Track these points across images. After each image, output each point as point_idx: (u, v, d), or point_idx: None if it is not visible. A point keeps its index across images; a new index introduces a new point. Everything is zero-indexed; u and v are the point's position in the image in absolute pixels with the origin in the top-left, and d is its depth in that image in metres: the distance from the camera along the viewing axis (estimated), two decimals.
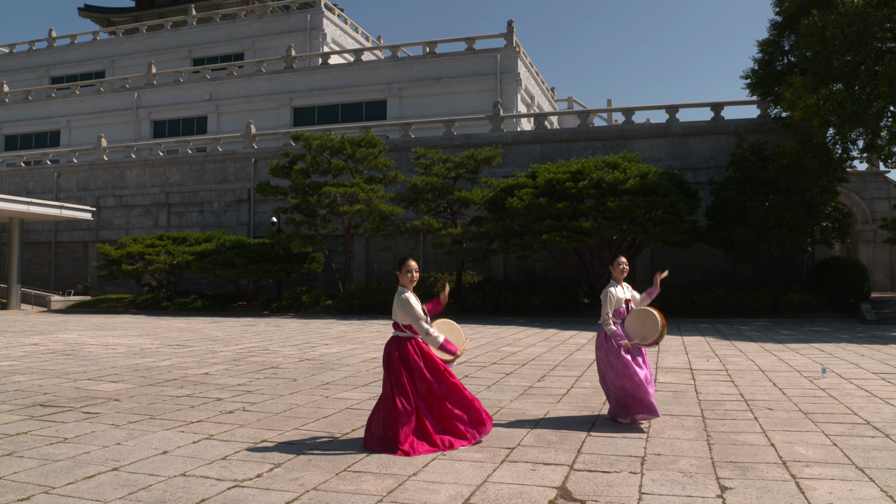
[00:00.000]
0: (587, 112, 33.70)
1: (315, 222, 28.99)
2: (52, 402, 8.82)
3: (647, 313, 7.45)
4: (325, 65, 43.85)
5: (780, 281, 27.04)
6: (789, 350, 14.53)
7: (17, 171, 41.29)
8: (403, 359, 6.58)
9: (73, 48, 55.09)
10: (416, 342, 6.66)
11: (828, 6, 22.77)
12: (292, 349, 15.42)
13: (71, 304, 33.95)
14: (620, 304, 7.62)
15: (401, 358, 6.58)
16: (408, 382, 6.51)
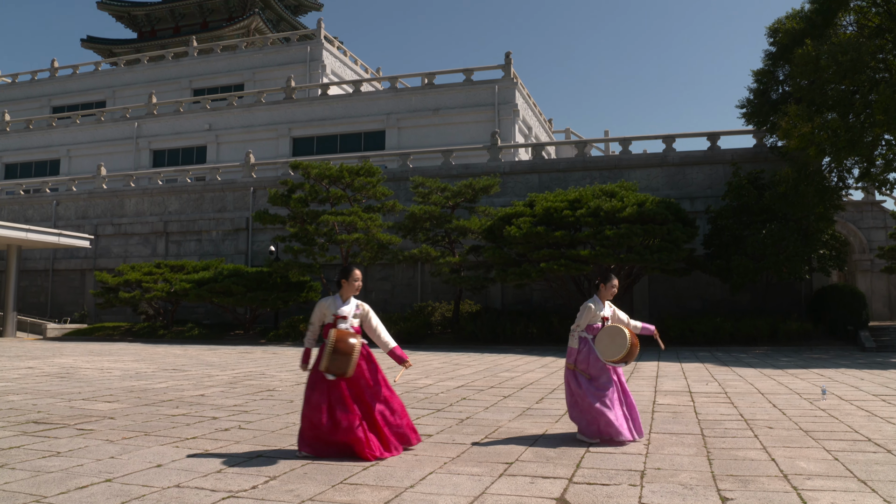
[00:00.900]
0: (584, 142, 33.87)
1: (313, 251, 28.97)
2: (46, 420, 8.73)
3: (619, 330, 7.34)
4: (324, 96, 44.15)
5: (778, 309, 27.00)
6: (789, 375, 14.46)
7: (15, 199, 41.34)
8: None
9: (74, 78, 55.47)
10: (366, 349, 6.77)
11: (821, 36, 23.01)
12: (289, 374, 15.33)
13: (67, 331, 33.79)
14: (596, 320, 7.57)
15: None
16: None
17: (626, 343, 7.24)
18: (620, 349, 7.26)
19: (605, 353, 7.36)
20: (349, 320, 6.73)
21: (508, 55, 40.60)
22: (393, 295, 33.34)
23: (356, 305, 6.86)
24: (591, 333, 7.55)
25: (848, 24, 24.22)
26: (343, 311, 6.74)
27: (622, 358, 7.28)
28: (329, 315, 6.72)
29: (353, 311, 6.79)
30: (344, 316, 6.72)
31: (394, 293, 33.40)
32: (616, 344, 7.31)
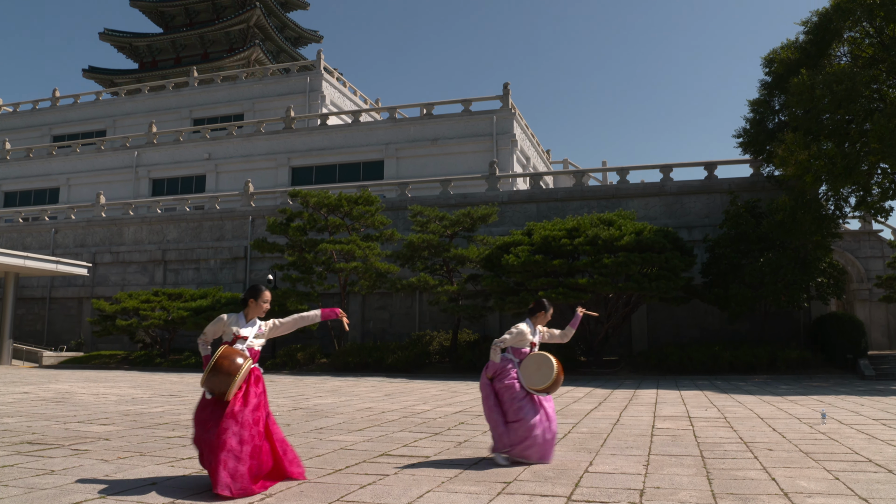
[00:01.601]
0: (582, 172, 34.01)
1: (311, 279, 28.94)
2: (41, 441, 8.66)
3: (545, 359, 7.28)
4: (323, 126, 44.38)
5: (776, 338, 26.93)
6: (788, 401, 14.39)
7: (14, 227, 41.35)
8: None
9: (75, 107, 55.79)
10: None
11: (816, 66, 23.23)
12: (286, 400, 15.24)
13: (63, 359, 33.61)
14: (525, 344, 7.48)
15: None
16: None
17: (553, 374, 7.18)
18: (546, 379, 7.19)
19: (530, 380, 7.28)
20: (248, 341, 6.26)
21: (506, 86, 40.91)
22: (391, 324, 33.25)
23: (259, 326, 6.40)
24: (517, 357, 7.47)
25: (842, 55, 24.47)
26: (244, 332, 6.28)
27: (546, 388, 7.21)
28: (228, 333, 6.24)
29: (254, 332, 6.33)
30: (244, 336, 6.25)
31: (392, 322, 33.31)
32: (542, 373, 7.24)
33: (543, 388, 7.20)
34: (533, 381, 7.27)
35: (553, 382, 7.19)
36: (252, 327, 6.34)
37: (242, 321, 6.33)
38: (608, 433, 9.65)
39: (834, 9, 23.33)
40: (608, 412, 12.46)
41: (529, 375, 7.30)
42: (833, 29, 23.63)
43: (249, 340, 6.27)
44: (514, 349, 7.50)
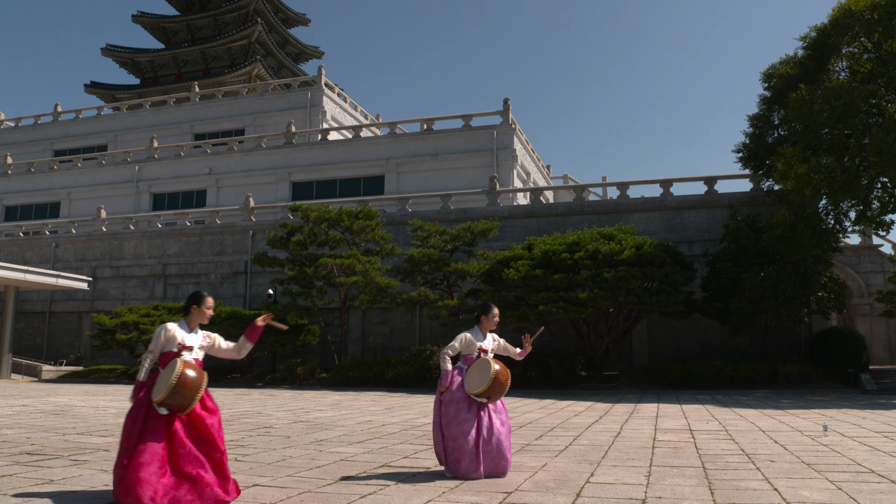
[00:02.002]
0: (582, 187, 34.06)
1: (311, 294, 28.91)
2: (40, 452, 8.64)
3: (486, 363, 7.13)
4: (324, 141, 44.50)
5: (777, 353, 26.88)
6: (790, 415, 14.35)
7: (14, 241, 41.36)
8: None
9: (77, 122, 55.96)
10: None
11: (814, 81, 23.31)
12: (286, 413, 15.20)
13: (62, 373, 33.52)
14: (472, 351, 7.37)
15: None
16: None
17: (490, 375, 6.98)
18: (483, 381, 7.02)
19: (471, 384, 7.14)
20: (195, 351, 6.03)
21: (507, 101, 41.05)
22: (391, 339, 33.20)
23: (204, 336, 6.19)
24: (466, 364, 7.37)
25: (840, 70, 24.56)
26: (189, 341, 6.03)
27: (484, 391, 7.01)
28: (174, 343, 5.96)
29: (199, 341, 6.11)
30: (190, 346, 6.00)
31: (392, 337, 33.26)
32: (481, 377, 7.09)
33: (481, 391, 6.99)
34: (472, 385, 7.10)
35: (490, 385, 6.96)
36: (197, 336, 6.13)
37: (186, 329, 6.09)
38: (609, 445, 9.62)
39: (832, 24, 23.44)
40: (609, 425, 12.42)
41: (471, 380, 7.16)
42: (831, 44, 23.74)
43: (195, 351, 6.06)
44: (465, 357, 7.41)
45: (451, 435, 7.05)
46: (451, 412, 7.10)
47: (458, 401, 7.14)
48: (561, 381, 25.96)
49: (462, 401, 7.14)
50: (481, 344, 7.40)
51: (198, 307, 6.12)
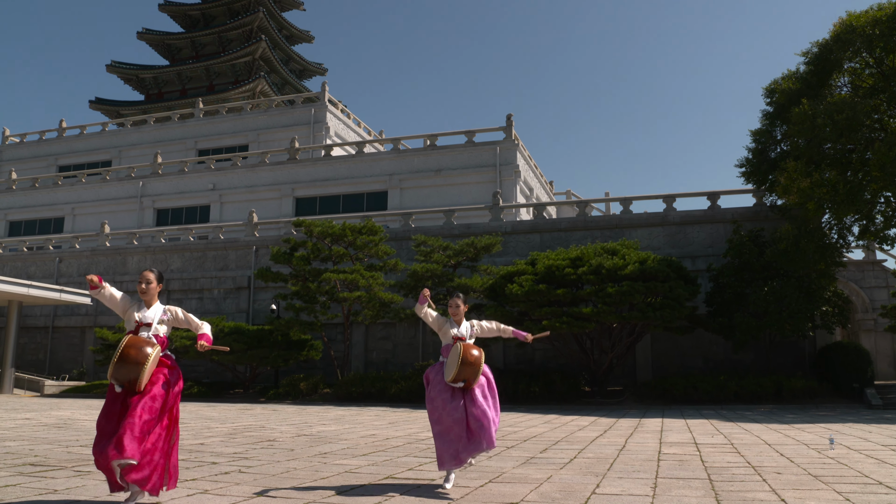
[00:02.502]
0: (585, 202, 34.10)
1: (315, 309, 28.89)
2: (43, 463, 8.61)
3: (455, 349, 7.05)
4: (327, 157, 44.62)
5: (782, 368, 26.78)
6: (795, 429, 14.28)
7: (18, 256, 41.44)
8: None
9: (81, 138, 56.20)
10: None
11: (817, 97, 23.38)
12: (289, 427, 15.15)
13: (64, 388, 33.49)
14: (448, 339, 7.36)
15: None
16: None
17: (458, 359, 6.90)
18: (452, 366, 6.97)
19: (446, 373, 7.11)
20: (154, 327, 5.99)
21: (510, 117, 41.18)
22: (394, 354, 33.15)
23: (163, 311, 6.12)
24: (444, 355, 7.39)
25: (842, 85, 24.65)
26: (147, 317, 6.00)
27: (455, 375, 6.93)
28: (130, 321, 5.97)
29: (157, 316, 6.06)
30: (148, 323, 5.98)
31: (395, 352, 33.21)
32: (451, 362, 7.05)
33: (453, 375, 6.93)
34: (447, 373, 7.08)
35: (459, 368, 6.88)
36: (153, 311, 6.07)
37: (142, 306, 6.05)
38: (614, 458, 9.57)
39: (834, 40, 23.54)
40: (614, 439, 12.37)
41: (446, 368, 7.15)
42: (833, 60, 23.83)
43: (154, 326, 6.01)
44: (444, 348, 7.40)
45: (438, 425, 7.07)
46: (437, 407, 7.12)
47: (441, 392, 7.14)
48: (564, 396, 25.88)
49: (444, 391, 7.14)
50: (455, 332, 7.39)
51: (139, 285, 6.13)
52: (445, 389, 7.16)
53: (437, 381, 7.26)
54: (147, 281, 6.10)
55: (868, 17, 22.58)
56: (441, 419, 7.07)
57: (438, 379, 7.26)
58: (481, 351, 7.17)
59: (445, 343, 7.41)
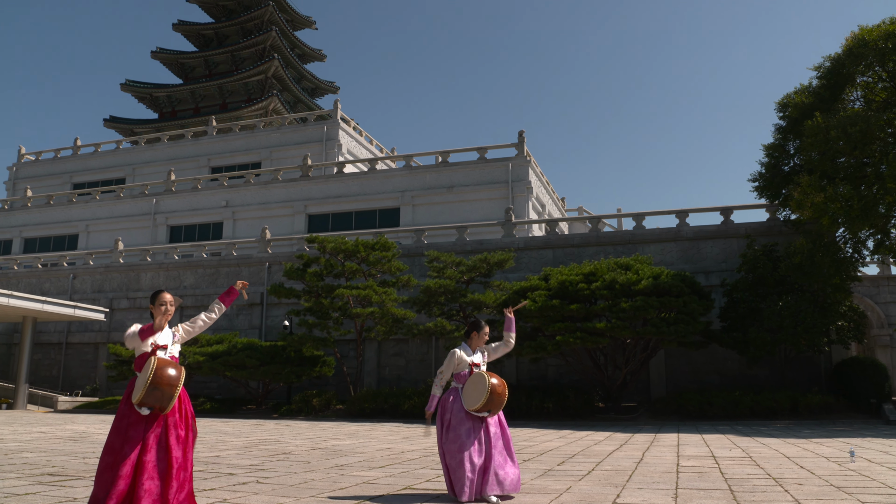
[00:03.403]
0: (597, 218, 34.05)
1: (328, 325, 28.86)
2: (61, 473, 8.63)
3: (481, 377, 7.04)
4: (339, 174, 44.78)
5: (797, 383, 26.57)
6: (813, 443, 14.15)
7: (33, 273, 41.69)
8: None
9: (96, 156, 56.64)
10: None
11: (829, 110, 23.33)
12: (304, 441, 15.13)
13: (78, 404, 33.55)
14: (464, 367, 7.28)
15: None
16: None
17: (486, 389, 6.88)
18: (480, 395, 6.91)
19: (469, 401, 7.03)
20: (169, 349, 5.98)
21: (521, 134, 41.26)
22: (406, 371, 33.08)
23: (173, 333, 6.10)
24: (459, 382, 7.27)
25: (855, 99, 24.60)
26: (161, 340, 5.96)
27: (483, 405, 6.90)
28: (147, 344, 5.89)
29: (171, 338, 6.04)
30: (164, 345, 5.95)
31: (407, 369, 33.14)
32: (477, 391, 6.98)
33: (480, 405, 6.88)
34: (470, 402, 7.00)
35: (488, 398, 6.85)
36: (166, 334, 6.03)
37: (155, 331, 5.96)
38: (633, 470, 9.51)
39: (846, 54, 23.52)
40: (631, 452, 12.29)
41: (468, 396, 7.05)
42: (846, 74, 23.80)
43: (170, 348, 6.00)
44: (457, 376, 7.31)
45: (453, 456, 6.91)
46: (452, 436, 6.98)
47: (460, 422, 7.02)
48: (578, 412, 25.74)
49: (464, 421, 7.03)
50: (472, 359, 7.33)
51: (153, 306, 6.00)
52: (467, 418, 7.06)
53: (458, 409, 7.10)
54: (169, 303, 6.02)
55: (880, 31, 22.57)
56: (451, 449, 6.96)
57: (458, 406, 7.13)
58: (503, 381, 7.15)
59: (460, 371, 7.30)
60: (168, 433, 5.60)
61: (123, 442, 5.49)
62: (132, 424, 5.57)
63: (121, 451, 5.45)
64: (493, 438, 7.05)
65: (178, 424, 5.72)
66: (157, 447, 5.53)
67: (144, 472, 5.39)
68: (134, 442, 5.48)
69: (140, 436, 5.51)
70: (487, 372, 7.18)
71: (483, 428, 7.09)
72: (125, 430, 5.55)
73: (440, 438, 7.16)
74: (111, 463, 5.44)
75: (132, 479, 5.36)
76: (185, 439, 5.73)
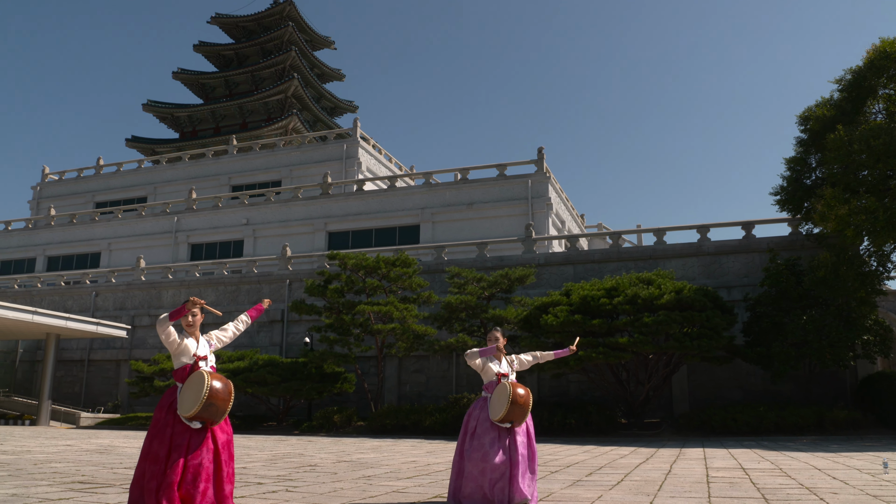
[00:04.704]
0: (618, 233, 33.97)
1: (349, 341, 28.87)
2: (91, 482, 8.67)
3: (503, 388, 7.05)
4: (359, 191, 44.98)
5: (822, 399, 26.25)
6: (843, 456, 13.97)
7: (56, 290, 42.08)
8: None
9: (118, 175, 57.26)
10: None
11: (851, 123, 23.20)
12: (328, 455, 15.12)
13: (100, 420, 33.72)
14: (491, 376, 7.31)
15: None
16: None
17: (508, 399, 6.89)
18: (502, 407, 6.93)
19: (493, 411, 7.05)
20: (209, 359, 6.00)
21: (541, 150, 41.30)
22: (427, 387, 33.01)
23: (207, 342, 6.10)
24: (489, 392, 7.30)
25: (877, 112, 24.46)
26: (202, 352, 5.97)
27: (505, 416, 6.90)
28: (188, 355, 5.87)
29: (207, 347, 6.05)
30: (204, 356, 5.95)
31: (428, 386, 33.08)
32: (500, 402, 7.00)
33: (502, 416, 6.89)
34: (494, 412, 7.02)
35: (509, 409, 6.86)
36: (203, 345, 6.04)
37: (193, 342, 5.98)
38: (662, 481, 9.43)
39: (867, 66, 23.43)
40: (658, 465, 12.19)
41: (493, 406, 7.08)
42: (867, 86, 23.70)
43: (209, 358, 6.02)
44: (487, 385, 7.35)
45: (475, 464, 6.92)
46: (476, 444, 7.00)
47: (485, 431, 7.04)
48: (601, 428, 25.55)
49: (489, 431, 7.04)
50: (498, 369, 7.35)
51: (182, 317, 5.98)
52: (492, 428, 7.07)
53: (484, 419, 7.13)
54: (194, 314, 6.00)
55: None
56: (473, 457, 6.96)
57: (484, 416, 7.15)
58: (528, 391, 7.14)
59: (488, 381, 7.34)
60: (216, 439, 5.66)
61: (170, 450, 5.50)
62: (177, 433, 5.58)
63: (168, 459, 5.46)
64: (519, 448, 7.04)
65: (222, 429, 5.76)
66: (207, 453, 5.58)
67: (200, 477, 5.44)
68: (181, 449, 5.49)
69: (186, 443, 5.54)
70: (513, 382, 7.18)
71: (509, 438, 7.07)
72: (169, 438, 5.55)
73: (461, 445, 7.19)
74: (157, 472, 5.43)
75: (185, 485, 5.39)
76: (228, 444, 5.75)
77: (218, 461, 5.58)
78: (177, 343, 5.86)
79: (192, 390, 5.56)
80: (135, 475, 5.62)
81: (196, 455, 5.51)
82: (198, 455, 5.52)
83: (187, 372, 5.81)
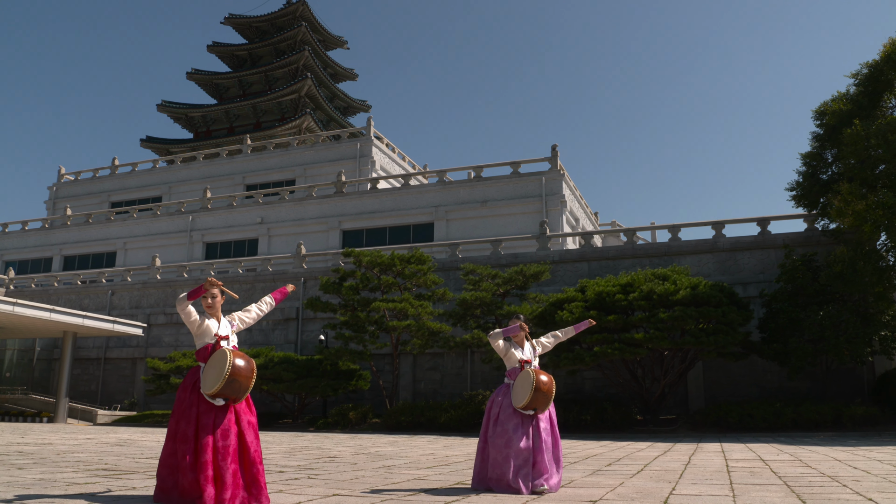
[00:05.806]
0: (632, 230, 33.90)
1: (364, 338, 28.96)
2: (115, 469, 8.75)
3: (526, 375, 7.04)
4: (373, 189, 45.09)
5: (839, 395, 26.12)
6: (863, 450, 13.90)
7: (72, 289, 42.39)
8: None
9: (133, 175, 57.63)
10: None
11: (868, 118, 23.08)
12: (346, 448, 15.18)
13: (116, 418, 33.96)
14: (514, 362, 7.31)
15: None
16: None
17: (531, 387, 6.88)
18: (525, 394, 6.92)
19: (516, 398, 7.05)
20: (231, 339, 6.04)
21: (555, 148, 41.27)
22: (442, 384, 33.06)
23: (229, 322, 6.17)
24: (512, 378, 7.30)
25: (894, 106, 24.33)
26: (224, 331, 6.02)
27: (528, 403, 6.90)
28: (210, 335, 5.93)
29: (229, 328, 6.11)
30: (225, 336, 6.00)
31: (443, 383, 33.12)
32: (523, 389, 6.99)
33: (525, 403, 6.90)
34: (517, 399, 7.03)
35: (532, 396, 6.86)
36: (225, 325, 6.09)
37: (215, 322, 6.04)
38: (682, 471, 9.42)
39: (884, 60, 23.31)
40: (676, 457, 12.18)
41: (516, 394, 7.09)
42: (884, 80, 23.58)
43: (231, 338, 6.07)
44: (509, 372, 7.35)
45: (499, 450, 6.94)
46: (499, 431, 7.02)
47: (508, 418, 7.06)
48: (616, 424, 25.51)
49: (512, 417, 7.06)
50: (521, 356, 7.36)
51: (201, 297, 6.04)
52: (514, 415, 7.09)
53: (507, 405, 7.16)
54: (213, 295, 6.05)
55: None
56: (497, 442, 6.99)
57: (507, 402, 7.19)
58: (551, 378, 7.16)
59: (511, 367, 7.36)
60: (241, 419, 5.69)
61: (198, 429, 5.57)
62: (203, 413, 5.64)
63: (196, 439, 5.52)
64: (542, 434, 7.07)
65: (247, 411, 5.81)
66: (234, 433, 5.62)
67: (228, 457, 5.49)
68: (209, 429, 5.55)
69: (212, 423, 5.59)
70: (536, 369, 7.19)
71: (532, 425, 7.10)
72: (196, 417, 5.62)
73: (485, 431, 7.22)
74: (188, 450, 5.48)
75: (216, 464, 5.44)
76: (253, 425, 5.81)
77: (244, 441, 5.63)
78: (198, 323, 5.94)
79: (215, 368, 5.62)
80: (162, 455, 5.70)
81: (223, 435, 5.55)
82: (226, 435, 5.55)
83: (209, 351, 5.87)
